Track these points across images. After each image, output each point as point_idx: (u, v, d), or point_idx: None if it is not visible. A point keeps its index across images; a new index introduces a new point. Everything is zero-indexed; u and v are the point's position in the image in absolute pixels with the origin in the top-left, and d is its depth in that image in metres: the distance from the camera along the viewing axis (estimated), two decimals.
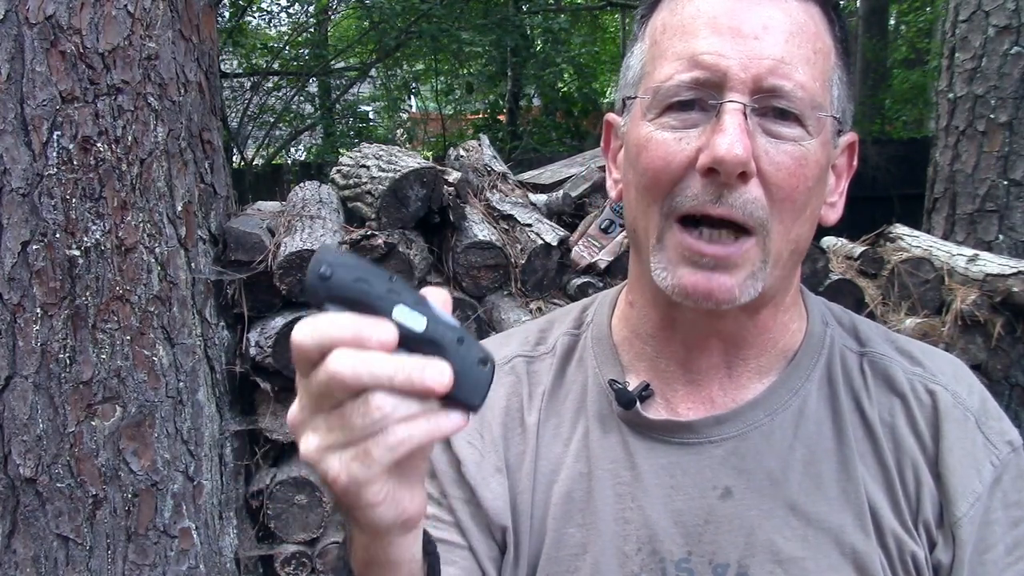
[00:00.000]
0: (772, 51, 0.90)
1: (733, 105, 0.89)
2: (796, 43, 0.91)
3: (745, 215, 0.90)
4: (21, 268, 2.29)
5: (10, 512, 2.33)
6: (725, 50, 0.90)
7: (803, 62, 0.91)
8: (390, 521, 0.73)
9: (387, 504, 0.71)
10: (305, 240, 2.67)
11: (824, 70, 0.94)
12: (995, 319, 3.26)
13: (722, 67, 0.90)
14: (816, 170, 0.92)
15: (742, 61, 0.89)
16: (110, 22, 2.33)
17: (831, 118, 0.94)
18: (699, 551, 0.96)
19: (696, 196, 0.90)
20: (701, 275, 0.91)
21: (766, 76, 0.89)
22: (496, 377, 1.07)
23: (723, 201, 0.89)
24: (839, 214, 1.02)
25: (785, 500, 0.96)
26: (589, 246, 2.98)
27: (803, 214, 0.93)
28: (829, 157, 0.95)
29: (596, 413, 1.04)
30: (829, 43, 0.95)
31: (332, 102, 10.21)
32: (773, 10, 0.92)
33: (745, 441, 0.98)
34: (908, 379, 1.01)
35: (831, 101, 0.95)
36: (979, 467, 0.97)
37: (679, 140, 0.91)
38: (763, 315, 1.00)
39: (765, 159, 0.89)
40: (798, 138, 0.90)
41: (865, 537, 0.95)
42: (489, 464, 1.03)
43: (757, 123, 0.90)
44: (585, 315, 1.13)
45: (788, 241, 0.93)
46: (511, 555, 1.01)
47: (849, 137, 1.01)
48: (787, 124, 0.90)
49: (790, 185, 0.90)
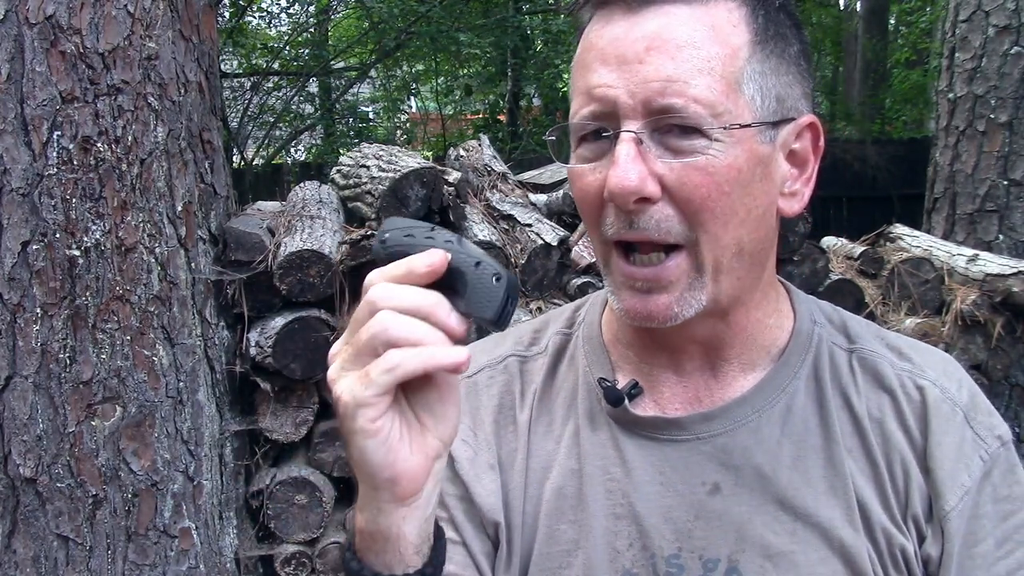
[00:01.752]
0: (658, 73, 0.89)
1: (626, 134, 0.90)
2: (685, 56, 0.89)
3: (661, 234, 0.91)
4: (21, 268, 2.29)
5: (10, 512, 2.33)
6: (612, 80, 0.91)
7: (696, 73, 0.89)
8: (377, 464, 0.78)
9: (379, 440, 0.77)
10: (305, 240, 2.67)
11: (727, 73, 0.90)
12: (995, 319, 3.26)
13: (611, 97, 0.91)
14: (731, 174, 0.90)
15: (628, 88, 0.90)
16: (110, 22, 2.33)
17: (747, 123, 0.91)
18: (689, 546, 0.97)
19: (613, 224, 0.93)
20: (638, 299, 0.94)
21: (655, 98, 0.89)
22: (490, 376, 1.09)
23: (635, 226, 0.91)
24: (803, 203, 1.00)
25: (774, 495, 0.97)
26: (589, 246, 2.99)
27: (733, 218, 0.92)
28: (757, 154, 0.92)
29: (586, 411, 1.05)
30: (738, 41, 0.92)
31: (332, 102, 10.21)
32: (658, 28, 0.90)
33: (733, 437, 0.99)
34: (897, 375, 1.01)
35: (746, 101, 0.91)
36: (968, 461, 0.97)
37: (593, 171, 0.94)
38: (734, 316, 1.00)
39: (670, 176, 0.90)
40: (701, 149, 0.90)
41: (854, 531, 0.95)
42: (482, 461, 1.05)
43: (660, 142, 0.90)
44: (577, 314, 1.15)
45: (724, 247, 0.93)
46: (504, 551, 1.02)
47: (804, 120, 0.98)
48: (688, 138, 0.90)
49: (700, 196, 0.90)
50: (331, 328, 2.63)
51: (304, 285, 2.62)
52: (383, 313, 0.76)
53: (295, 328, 2.59)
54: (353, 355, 0.77)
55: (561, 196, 3.23)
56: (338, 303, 2.67)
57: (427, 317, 0.76)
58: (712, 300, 0.95)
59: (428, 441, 0.80)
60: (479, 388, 1.09)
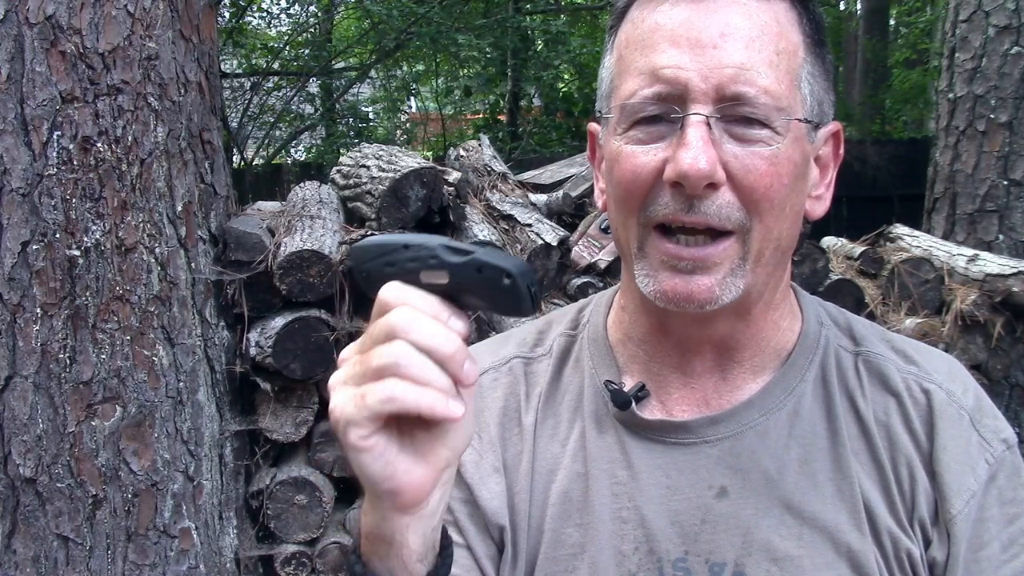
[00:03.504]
0: (732, 59, 0.90)
1: (696, 117, 0.90)
2: (757, 47, 0.91)
3: (721, 219, 0.91)
4: (21, 268, 2.29)
5: (10, 512, 2.33)
6: (684, 62, 0.91)
7: (766, 65, 0.91)
8: (375, 476, 0.76)
9: (373, 456, 0.75)
10: (305, 240, 2.67)
11: (790, 69, 0.93)
12: (995, 319, 3.26)
13: (682, 80, 0.90)
14: (789, 168, 0.92)
15: (702, 72, 0.90)
16: (110, 22, 2.33)
17: (803, 118, 0.94)
18: (696, 550, 0.97)
19: (668, 206, 0.92)
20: (680, 279, 0.93)
21: (728, 84, 0.90)
22: (495, 378, 1.09)
23: (695, 210, 0.91)
24: (826, 206, 1.02)
25: (780, 499, 0.97)
26: (589, 246, 2.99)
27: (783, 212, 0.94)
28: (805, 153, 0.95)
29: (592, 413, 1.04)
30: (796, 40, 0.95)
31: (332, 102, 10.20)
32: (732, 16, 0.91)
33: (740, 441, 0.99)
34: (903, 378, 1.01)
35: (802, 99, 0.94)
36: (974, 465, 0.97)
37: (647, 152, 0.93)
38: (754, 315, 1.00)
39: (735, 163, 0.90)
40: (767, 140, 0.91)
41: (860, 535, 0.95)
42: (487, 464, 1.04)
43: (724, 129, 0.91)
44: (582, 316, 1.14)
45: (770, 240, 0.94)
46: (509, 554, 1.02)
47: (831, 127, 1.01)
48: (754, 127, 0.91)
49: (764, 185, 0.91)
50: (331, 328, 2.63)
51: (304, 285, 2.62)
52: (400, 345, 0.73)
53: (295, 328, 2.59)
54: (359, 373, 0.76)
55: (561, 196, 3.23)
56: (338, 303, 2.67)
57: (443, 363, 0.74)
58: (747, 290, 0.95)
59: (436, 451, 0.78)
60: (484, 390, 1.09)
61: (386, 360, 0.73)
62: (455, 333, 0.75)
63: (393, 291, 0.76)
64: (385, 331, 0.75)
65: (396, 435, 0.76)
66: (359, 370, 0.76)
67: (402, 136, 11.86)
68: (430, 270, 0.75)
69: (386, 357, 0.74)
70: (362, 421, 0.74)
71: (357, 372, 0.76)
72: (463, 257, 0.75)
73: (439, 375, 0.74)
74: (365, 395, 0.74)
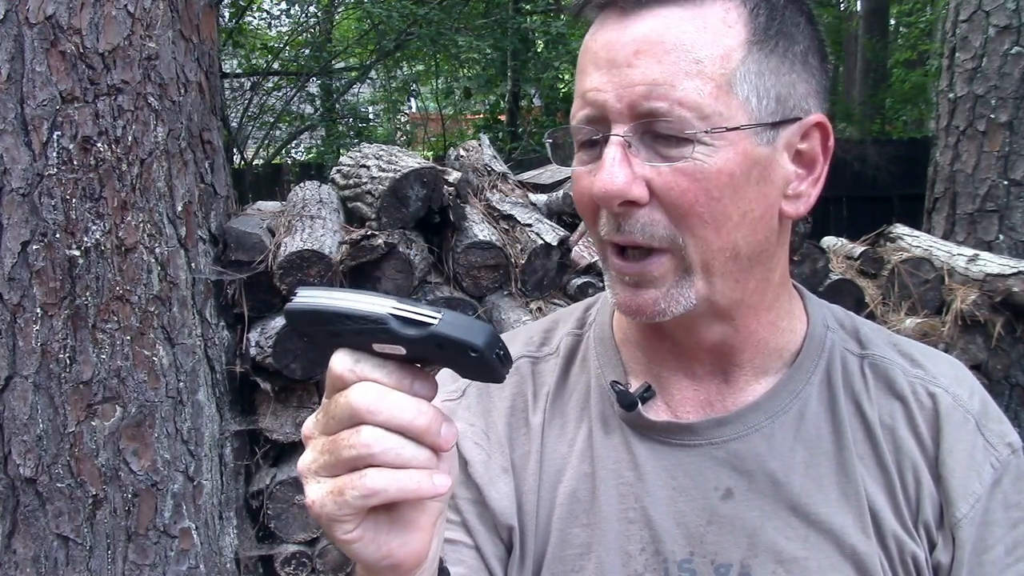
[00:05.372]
0: (644, 76, 0.88)
1: (614, 138, 0.90)
2: (672, 60, 0.88)
3: (646, 238, 0.91)
4: (21, 268, 2.29)
5: (10, 512, 2.33)
6: (602, 84, 0.91)
7: (683, 76, 0.88)
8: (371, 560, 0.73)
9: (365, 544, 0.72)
10: (305, 240, 2.67)
11: (720, 74, 0.89)
12: (995, 319, 3.26)
13: (600, 101, 0.91)
14: (721, 178, 0.89)
15: (616, 92, 0.90)
16: (110, 22, 2.33)
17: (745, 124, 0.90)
18: (701, 551, 0.97)
19: (604, 226, 0.94)
20: (629, 292, 0.95)
21: (640, 102, 0.88)
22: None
23: (622, 229, 0.92)
24: (810, 204, 0.98)
25: (786, 501, 0.97)
26: (589, 246, 2.99)
27: (726, 222, 0.91)
28: (754, 156, 0.91)
29: (599, 414, 1.04)
30: (732, 42, 0.90)
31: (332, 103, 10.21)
32: (648, 31, 0.90)
33: (746, 443, 0.99)
34: (909, 382, 1.01)
35: (741, 102, 0.90)
36: (979, 469, 0.97)
37: (588, 174, 0.94)
38: (742, 321, 0.99)
39: (658, 181, 0.90)
40: (688, 154, 0.89)
41: (866, 538, 0.95)
42: (496, 464, 1.04)
43: (649, 147, 0.90)
44: (588, 315, 1.14)
45: (717, 250, 0.92)
46: (517, 554, 1.02)
47: (811, 119, 0.95)
48: (675, 144, 0.89)
49: (687, 202, 0.89)
50: None
51: (304, 285, 2.61)
52: (369, 431, 0.68)
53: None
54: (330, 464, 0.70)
55: (561, 196, 3.23)
56: None
57: (419, 439, 0.69)
58: (705, 300, 0.94)
59: (428, 511, 0.75)
60: (491, 390, 1.09)
61: (358, 451, 0.68)
62: (424, 401, 0.70)
63: (345, 364, 0.71)
64: (348, 414, 0.69)
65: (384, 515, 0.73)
66: (329, 460, 0.70)
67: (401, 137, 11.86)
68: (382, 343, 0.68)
69: (358, 448, 0.69)
70: (344, 518, 0.70)
71: (328, 463, 0.70)
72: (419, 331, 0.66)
73: (417, 452, 0.69)
74: (343, 490, 0.69)
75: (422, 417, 0.69)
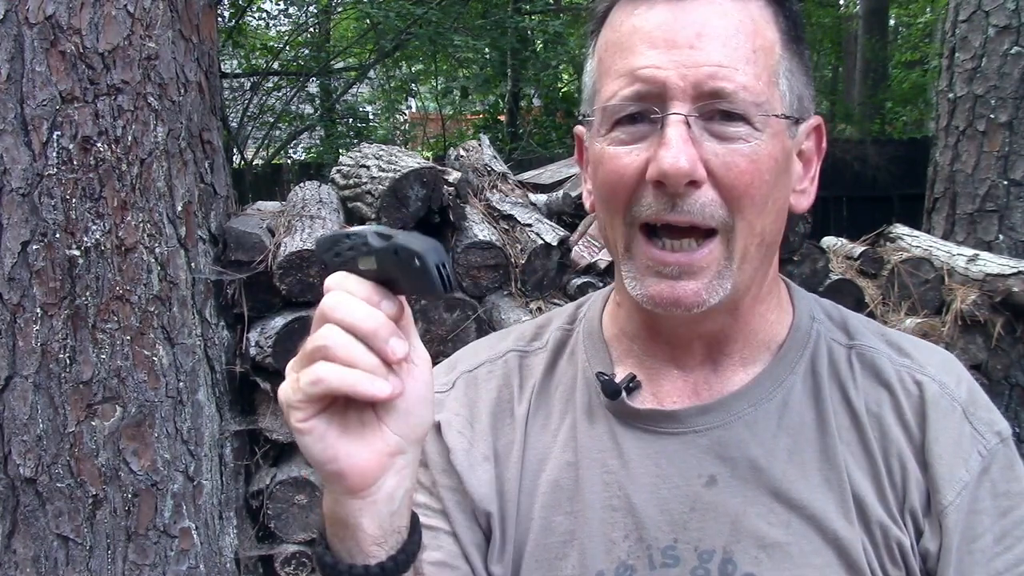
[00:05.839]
0: (709, 58, 0.91)
1: (675, 116, 0.91)
2: (734, 45, 0.92)
3: (704, 217, 0.92)
4: (21, 268, 2.28)
5: (10, 512, 2.33)
6: (662, 62, 0.92)
7: (743, 62, 0.92)
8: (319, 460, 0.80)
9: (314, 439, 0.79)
10: (305, 240, 2.67)
11: (768, 66, 0.94)
12: (995, 319, 3.26)
13: (660, 79, 0.92)
14: (770, 164, 0.93)
15: (680, 71, 0.91)
16: (110, 22, 2.33)
17: (782, 114, 0.95)
18: (685, 538, 0.98)
19: (651, 206, 0.93)
20: (666, 284, 0.95)
21: (706, 82, 0.91)
22: (489, 370, 1.11)
23: (678, 208, 0.92)
24: (811, 200, 1.04)
25: (769, 487, 0.98)
26: (589, 246, 2.99)
27: (765, 208, 0.95)
28: (786, 148, 0.96)
29: (584, 404, 1.06)
30: (772, 37, 0.96)
31: (332, 103, 10.21)
32: (707, 16, 0.93)
33: (729, 430, 1.00)
34: (896, 370, 1.02)
35: (780, 95, 0.95)
36: (966, 456, 0.98)
37: (629, 153, 0.94)
38: (742, 310, 1.02)
39: (715, 161, 0.91)
40: (747, 136, 0.92)
41: (848, 523, 0.96)
42: (477, 452, 1.06)
43: (704, 128, 0.92)
44: (579, 311, 1.16)
45: (754, 236, 0.95)
46: (496, 540, 1.03)
47: (813, 122, 1.02)
48: (734, 124, 0.92)
49: (744, 182, 0.92)
50: None
51: (304, 285, 2.62)
52: (327, 328, 0.77)
53: (295, 328, 2.59)
54: (300, 358, 0.80)
55: (561, 196, 3.23)
56: None
57: (366, 339, 0.77)
58: (734, 288, 0.96)
59: (381, 436, 0.80)
60: (478, 382, 1.11)
61: (317, 343, 0.77)
62: (382, 313, 0.77)
63: (332, 279, 0.80)
64: (319, 315, 0.79)
65: (340, 418, 0.80)
66: (300, 355, 0.80)
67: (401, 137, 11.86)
68: (364, 256, 0.78)
69: (317, 340, 0.77)
70: (297, 404, 0.78)
71: (299, 357, 0.80)
72: (385, 242, 0.77)
73: (364, 354, 0.77)
74: (299, 378, 0.78)
75: (370, 320, 0.77)
